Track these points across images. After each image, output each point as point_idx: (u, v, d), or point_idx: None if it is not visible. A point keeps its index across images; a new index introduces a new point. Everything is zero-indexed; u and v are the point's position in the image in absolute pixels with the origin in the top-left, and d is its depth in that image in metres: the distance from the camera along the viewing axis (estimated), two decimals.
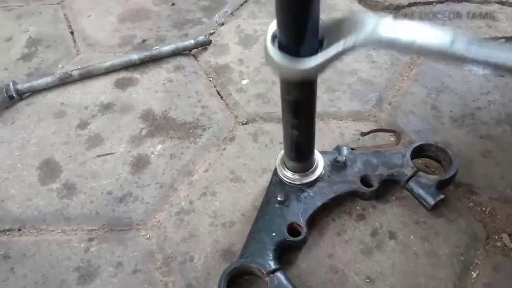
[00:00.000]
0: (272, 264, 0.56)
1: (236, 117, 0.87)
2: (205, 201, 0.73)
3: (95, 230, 0.71)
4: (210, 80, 0.96)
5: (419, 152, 0.71)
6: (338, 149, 0.72)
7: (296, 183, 0.65)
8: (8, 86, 0.92)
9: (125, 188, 0.76)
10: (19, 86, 0.93)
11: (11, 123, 0.90)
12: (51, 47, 1.08)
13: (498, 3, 1.02)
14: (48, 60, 1.04)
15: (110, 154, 0.82)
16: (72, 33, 1.12)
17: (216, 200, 0.73)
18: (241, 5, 1.15)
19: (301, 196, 0.65)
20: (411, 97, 0.87)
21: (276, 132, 0.83)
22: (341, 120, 0.84)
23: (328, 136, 0.81)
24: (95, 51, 1.06)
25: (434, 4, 1.05)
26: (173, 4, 1.16)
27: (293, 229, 0.61)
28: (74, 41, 1.09)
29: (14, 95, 0.92)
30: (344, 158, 0.68)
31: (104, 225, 0.72)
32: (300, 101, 0.51)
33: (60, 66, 1.02)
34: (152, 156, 0.81)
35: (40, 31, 1.13)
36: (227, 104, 0.90)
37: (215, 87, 0.94)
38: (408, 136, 0.79)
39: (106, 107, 0.91)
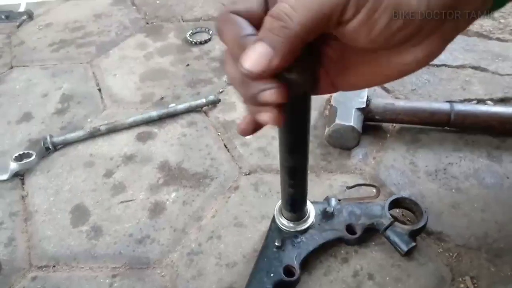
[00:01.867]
0: None
1: (240, 168, 1.01)
2: (211, 244, 0.86)
3: (118, 267, 0.84)
4: (218, 135, 1.10)
5: (396, 203, 0.84)
6: (327, 200, 0.84)
7: (291, 230, 0.77)
8: (45, 139, 1.07)
9: (144, 231, 0.89)
10: (55, 139, 1.08)
11: (47, 172, 1.04)
12: (82, 103, 1.24)
13: (472, 68, 1.16)
14: (79, 114, 1.20)
15: (131, 200, 0.96)
16: (99, 90, 1.28)
17: (221, 243, 0.85)
18: None
19: (295, 242, 0.76)
20: (392, 153, 0.99)
21: (274, 182, 0.96)
22: (331, 173, 0.97)
23: (319, 187, 0.93)
24: (120, 107, 1.21)
25: None
26: (187, 65, 1.33)
27: (288, 271, 0.72)
28: (101, 97, 1.25)
29: (50, 147, 1.07)
30: (332, 209, 0.80)
31: (125, 263, 0.84)
32: (295, 167, 0.63)
33: (89, 120, 1.18)
34: (167, 202, 0.94)
35: (72, 88, 1.29)
36: (232, 156, 1.04)
37: (222, 140, 1.08)
38: (388, 188, 0.92)
39: (129, 158, 1.06)
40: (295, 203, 0.73)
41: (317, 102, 1.15)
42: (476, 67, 1.16)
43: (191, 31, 1.45)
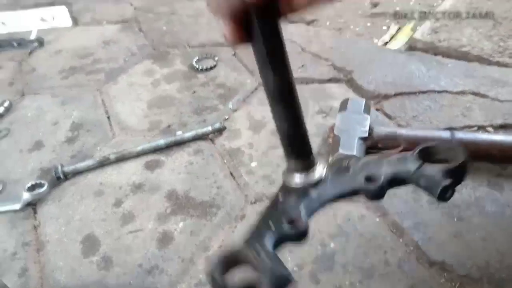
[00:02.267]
0: (265, 246, 0.52)
1: (246, 196, 1.03)
2: None
3: None
4: (224, 162, 1.13)
5: (426, 154, 0.58)
6: (345, 157, 0.66)
7: (298, 184, 0.62)
8: (57, 169, 1.11)
9: (153, 262, 0.92)
10: (65, 168, 1.12)
11: (58, 201, 1.08)
12: (91, 131, 1.27)
13: (472, 94, 1.18)
14: (89, 143, 1.23)
15: (140, 230, 0.98)
16: (108, 118, 1.32)
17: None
18: (252, 92, 1.34)
19: (303, 196, 0.61)
20: None
21: None
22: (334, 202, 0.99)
23: (325, 216, 0.95)
24: (128, 134, 1.25)
25: (417, 94, 1.22)
26: (194, 92, 1.36)
27: (293, 223, 0.56)
28: (110, 125, 1.29)
29: (61, 176, 1.10)
30: (348, 162, 0.63)
31: None
32: (280, 87, 0.54)
33: (98, 148, 1.21)
34: (175, 232, 0.97)
35: (82, 115, 1.33)
36: (238, 184, 1.07)
37: (228, 168, 1.11)
38: (392, 217, 0.94)
39: (138, 187, 1.08)
40: (292, 140, 0.60)
41: (320, 129, 1.17)
42: (476, 93, 1.18)
43: (197, 57, 1.49)
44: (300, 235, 0.55)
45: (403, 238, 0.90)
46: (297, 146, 0.62)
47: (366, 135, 1.02)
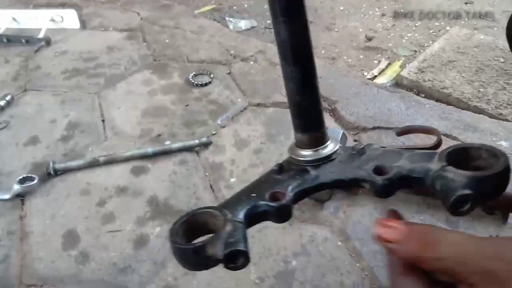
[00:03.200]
0: (237, 216, 0.45)
1: None
2: (186, 280, 0.94)
3: None
4: (206, 175, 1.20)
5: (462, 158, 0.44)
6: (366, 144, 0.55)
7: (301, 159, 0.54)
8: (48, 165, 1.18)
9: (127, 261, 0.98)
10: (57, 165, 1.19)
11: (46, 196, 1.14)
12: (85, 132, 1.35)
13: (444, 135, 1.27)
14: (82, 143, 1.31)
15: (119, 231, 1.05)
16: (103, 121, 1.39)
17: (195, 280, 0.94)
18: (241, 111, 1.42)
19: (302, 173, 0.53)
20: (361, 209, 1.09)
21: (252, 228, 1.05)
22: (303, 222, 1.06)
23: (290, 235, 1.03)
24: (119, 139, 1.32)
25: (394, 129, 1.30)
26: (187, 105, 1.44)
27: (275, 197, 0.49)
28: (104, 128, 1.36)
29: (52, 172, 1.17)
30: (362, 147, 0.54)
31: None
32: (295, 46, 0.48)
33: (90, 149, 1.28)
34: (151, 236, 1.04)
35: (78, 116, 1.41)
36: (216, 197, 1.14)
37: (209, 181, 1.18)
38: (352, 242, 1.01)
39: (122, 190, 1.16)
40: (303, 108, 0.53)
41: None
42: (448, 135, 1.27)
43: (194, 72, 1.57)
44: (278, 212, 0.48)
45: (361, 263, 0.97)
46: (306, 115, 0.53)
47: None
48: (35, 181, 1.14)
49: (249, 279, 0.94)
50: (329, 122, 1.37)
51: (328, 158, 0.53)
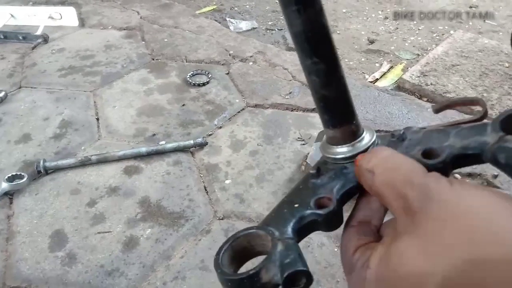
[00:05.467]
0: (285, 233, 0.41)
1: (215, 212, 1.07)
2: (176, 284, 0.91)
3: None
4: (200, 176, 1.17)
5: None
6: (405, 128, 0.48)
7: (335, 157, 0.49)
8: (39, 163, 1.15)
9: (115, 264, 0.95)
10: (47, 164, 1.16)
11: (35, 194, 1.11)
12: (79, 130, 1.32)
13: None
14: (75, 141, 1.28)
15: (108, 232, 1.02)
16: (98, 119, 1.36)
17: (185, 284, 0.91)
18: (239, 112, 1.39)
19: (341, 172, 0.48)
20: None
21: None
22: None
23: None
24: (113, 138, 1.29)
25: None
26: (183, 105, 1.41)
27: (320, 203, 0.44)
28: (98, 127, 1.33)
29: (42, 170, 1.14)
30: (402, 131, 0.47)
31: None
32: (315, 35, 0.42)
33: (83, 148, 1.25)
34: (142, 238, 1.00)
35: (72, 114, 1.38)
36: (210, 199, 1.11)
37: (203, 183, 1.15)
38: None
39: (113, 190, 1.12)
40: (331, 100, 0.46)
41: (297, 155, 1.22)
42: None
43: (192, 72, 1.54)
44: (328, 219, 0.43)
45: None
46: (335, 109, 0.48)
47: None
48: (24, 179, 1.11)
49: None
50: None
51: (367, 151, 0.48)
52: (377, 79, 1.75)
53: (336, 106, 0.47)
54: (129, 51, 1.70)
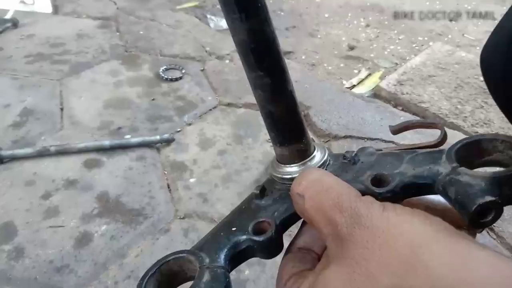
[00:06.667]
0: (216, 260, 0.38)
1: (176, 211, 1.03)
2: (128, 284, 0.86)
3: None
4: (164, 173, 1.13)
5: (473, 154, 0.38)
6: (359, 149, 0.47)
7: (282, 176, 0.45)
8: None
9: (65, 260, 0.90)
10: (3, 152, 1.10)
11: None
12: (40, 119, 1.26)
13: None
14: (34, 131, 1.22)
15: (61, 226, 0.97)
16: (61, 109, 1.31)
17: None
18: (210, 110, 1.36)
19: (287, 193, 0.44)
20: None
21: (205, 231, 0.98)
22: None
23: None
24: (76, 130, 1.24)
25: (365, 140, 1.25)
26: (153, 100, 1.37)
27: (259, 228, 0.42)
28: (61, 117, 1.28)
29: None
30: (355, 153, 0.45)
31: None
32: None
33: (43, 138, 1.20)
34: (96, 234, 0.95)
35: (35, 103, 1.32)
36: (172, 197, 1.06)
37: (167, 180, 1.11)
38: None
39: (70, 183, 1.07)
40: (278, 117, 0.43)
41: (266, 157, 1.19)
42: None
43: (165, 66, 1.50)
44: (264, 246, 0.40)
45: None
46: (283, 126, 0.45)
47: None
48: None
49: None
50: None
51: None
52: (354, 85, 1.74)
53: (283, 123, 0.44)
54: (102, 42, 1.64)
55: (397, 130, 0.51)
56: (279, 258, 0.39)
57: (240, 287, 0.87)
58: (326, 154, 0.45)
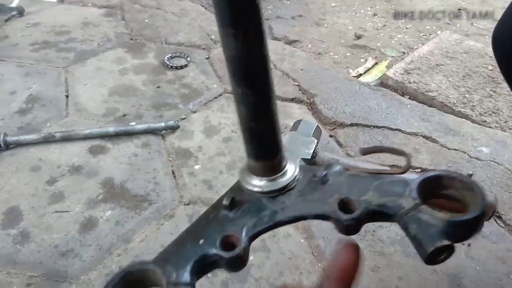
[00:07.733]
0: (182, 276, 0.38)
1: (181, 197, 1.03)
2: None
3: (35, 277, 0.84)
4: (169, 160, 1.12)
5: (431, 186, 0.43)
6: (327, 166, 0.49)
7: (255, 190, 0.46)
8: None
9: (70, 245, 0.90)
10: (8, 138, 1.10)
11: None
12: (46, 106, 1.26)
13: (423, 137, 1.21)
14: (40, 117, 1.22)
15: (66, 211, 0.97)
16: (67, 96, 1.31)
17: None
18: (215, 97, 1.35)
19: (255, 207, 0.46)
20: None
21: None
22: None
23: None
24: (81, 117, 1.24)
25: (372, 128, 1.24)
26: (158, 87, 1.36)
27: (227, 243, 0.42)
28: (67, 104, 1.28)
29: (2, 145, 1.09)
30: (324, 173, 0.47)
31: (43, 274, 0.85)
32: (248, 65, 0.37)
33: (48, 125, 1.20)
34: (101, 220, 0.96)
35: (41, 90, 1.32)
36: (177, 184, 1.06)
37: (172, 167, 1.11)
38: (316, 241, 0.94)
39: (76, 169, 1.07)
40: (257, 141, 0.44)
41: None
42: (427, 137, 1.21)
43: (170, 54, 1.49)
44: (231, 262, 0.40)
45: (323, 263, 0.90)
46: (261, 143, 0.45)
47: (309, 157, 1.02)
48: None
49: None
50: (306, 116, 1.30)
51: (286, 188, 0.46)
52: (361, 74, 1.72)
53: (262, 141, 0.43)
54: (107, 30, 1.64)
55: (367, 151, 0.52)
56: (280, 241, 0.38)
57: (245, 272, 0.87)
58: (297, 170, 0.45)
